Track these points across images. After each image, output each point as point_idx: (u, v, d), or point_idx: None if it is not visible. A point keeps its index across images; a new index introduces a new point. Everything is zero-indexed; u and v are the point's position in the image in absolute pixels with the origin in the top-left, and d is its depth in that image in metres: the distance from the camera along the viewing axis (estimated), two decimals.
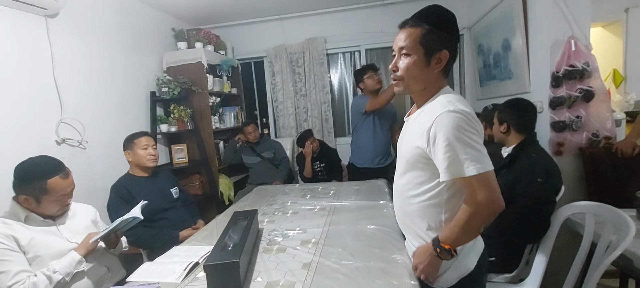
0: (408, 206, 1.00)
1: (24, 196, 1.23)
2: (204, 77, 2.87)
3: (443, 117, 0.84)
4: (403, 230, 1.12)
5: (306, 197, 2.06)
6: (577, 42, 1.77)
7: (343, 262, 1.15)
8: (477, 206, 0.84)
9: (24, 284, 1.12)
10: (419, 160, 0.93)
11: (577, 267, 1.28)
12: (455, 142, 0.83)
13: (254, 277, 1.11)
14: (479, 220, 0.87)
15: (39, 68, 1.89)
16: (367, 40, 3.39)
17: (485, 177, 0.83)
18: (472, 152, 0.83)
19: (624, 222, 1.10)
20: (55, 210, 1.29)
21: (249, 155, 3.14)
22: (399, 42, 0.94)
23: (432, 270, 0.95)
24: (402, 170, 1.02)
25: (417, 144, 0.91)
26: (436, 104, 0.90)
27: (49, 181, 1.23)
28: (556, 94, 1.82)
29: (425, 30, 0.90)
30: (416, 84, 0.95)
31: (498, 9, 2.33)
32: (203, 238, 1.54)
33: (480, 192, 0.84)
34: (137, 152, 1.85)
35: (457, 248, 0.92)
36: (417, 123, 0.94)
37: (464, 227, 0.87)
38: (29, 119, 1.82)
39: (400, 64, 0.94)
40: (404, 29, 0.93)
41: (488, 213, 0.86)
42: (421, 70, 0.92)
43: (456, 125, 0.83)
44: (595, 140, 1.83)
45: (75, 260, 1.24)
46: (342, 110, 3.65)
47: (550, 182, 1.38)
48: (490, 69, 2.61)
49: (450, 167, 0.84)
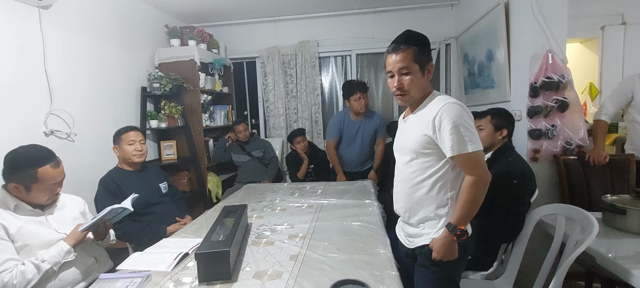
0: (417, 191, 1.14)
1: (13, 184, 1.23)
2: (196, 75, 2.89)
3: (447, 107, 1.05)
4: (407, 217, 1.20)
5: (294, 195, 2.10)
6: (554, 55, 1.88)
7: (329, 255, 1.20)
8: (477, 177, 1.04)
9: (11, 272, 1.13)
10: (425, 146, 1.10)
11: (548, 264, 1.36)
12: (458, 126, 1.02)
13: (243, 266, 1.15)
14: (481, 189, 1.05)
15: (30, 58, 1.89)
16: (359, 46, 3.47)
17: (479, 154, 1.05)
18: (470, 134, 1.04)
19: (589, 222, 1.19)
20: (45, 199, 1.29)
21: (238, 154, 3.16)
22: (398, 64, 1.11)
23: (452, 254, 1.09)
24: (406, 161, 1.17)
25: (423, 132, 1.09)
26: (436, 101, 1.10)
27: (39, 169, 1.23)
28: (534, 104, 1.93)
29: (416, 50, 1.10)
30: (418, 93, 1.14)
31: (483, 21, 2.45)
32: (193, 231, 1.57)
33: (477, 166, 1.05)
34: (123, 147, 1.85)
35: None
36: (420, 118, 1.13)
37: (470, 201, 1.05)
38: (18, 109, 1.81)
39: (404, 82, 1.12)
40: (398, 53, 1.10)
41: (484, 182, 1.05)
42: (420, 82, 1.12)
43: (458, 113, 1.04)
44: (569, 148, 1.94)
45: (64, 250, 1.24)
46: (332, 113, 3.71)
47: (525, 184, 1.48)
48: (474, 77, 2.73)
49: (455, 145, 1.03)
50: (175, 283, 1.07)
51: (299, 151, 3.03)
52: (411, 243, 1.19)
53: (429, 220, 1.14)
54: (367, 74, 3.64)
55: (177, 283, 1.06)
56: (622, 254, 1.18)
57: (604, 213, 1.46)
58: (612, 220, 1.41)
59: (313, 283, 1.02)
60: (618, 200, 1.44)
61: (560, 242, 1.38)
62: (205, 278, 1.05)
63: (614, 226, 1.41)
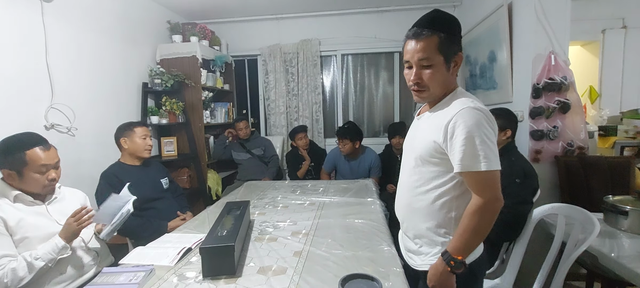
0: (417, 202, 0.99)
1: (7, 171, 1.22)
2: (197, 72, 2.88)
3: (465, 112, 0.86)
4: (406, 229, 1.08)
5: (296, 193, 2.10)
6: (557, 57, 1.89)
7: (333, 251, 1.20)
8: (485, 202, 0.86)
9: (3, 270, 1.11)
10: (433, 154, 0.94)
11: (548, 263, 1.37)
12: (473, 137, 0.85)
13: (247, 262, 1.15)
14: (487, 218, 0.88)
15: (32, 51, 1.88)
16: (361, 45, 3.47)
17: (494, 174, 0.87)
18: (487, 149, 0.85)
19: (591, 221, 1.20)
20: (40, 186, 1.25)
21: (238, 152, 3.16)
22: (417, 54, 0.91)
23: (448, 285, 0.93)
24: (412, 165, 1.01)
25: (433, 138, 0.92)
26: (455, 101, 0.92)
27: (27, 152, 1.21)
28: (536, 105, 1.94)
29: (442, 38, 0.90)
30: (439, 89, 0.95)
31: (486, 23, 2.46)
32: (195, 227, 1.56)
33: (487, 189, 0.86)
34: (135, 140, 1.85)
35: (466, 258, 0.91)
36: (434, 119, 0.95)
37: (471, 230, 0.88)
38: (18, 102, 1.80)
39: (423, 76, 0.93)
40: (420, 41, 0.91)
41: (493, 210, 0.88)
42: (443, 77, 0.93)
43: (477, 122, 0.85)
44: (570, 150, 1.95)
45: (58, 246, 1.20)
46: (332, 112, 3.72)
47: (527, 183, 1.48)
48: (476, 78, 2.74)
49: (464, 160, 0.86)
50: (179, 277, 1.06)
51: (300, 148, 3.03)
52: (410, 260, 1.07)
53: (426, 238, 0.99)
54: (367, 74, 3.64)
55: (181, 278, 1.06)
56: (624, 254, 1.19)
57: (606, 214, 1.47)
58: (613, 221, 1.42)
59: (318, 279, 1.01)
60: (620, 201, 1.45)
61: (561, 242, 1.39)
62: (209, 273, 1.04)
63: (615, 226, 1.42)
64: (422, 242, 1.01)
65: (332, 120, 3.72)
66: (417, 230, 1.01)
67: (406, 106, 3.61)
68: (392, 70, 3.58)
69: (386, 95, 3.66)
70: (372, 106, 3.70)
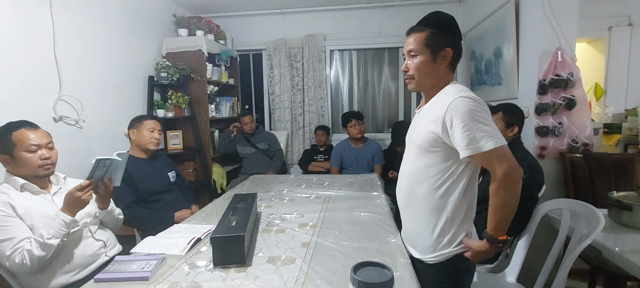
0: (416, 190, 1.06)
1: (1, 156, 1.25)
2: (203, 65, 2.89)
3: (457, 102, 0.94)
4: (407, 219, 1.15)
5: (301, 186, 2.12)
6: (564, 53, 1.89)
7: (340, 243, 1.22)
8: (502, 175, 0.93)
9: (21, 253, 1.13)
10: (432, 144, 1.01)
11: (552, 257, 1.38)
12: (471, 123, 0.92)
13: (256, 252, 1.17)
14: (511, 188, 0.94)
15: (40, 43, 1.89)
16: (366, 41, 3.47)
17: (502, 150, 0.93)
18: (487, 129, 0.92)
19: (595, 216, 1.21)
20: (34, 165, 1.25)
21: (243, 146, 3.17)
22: (408, 46, 1.05)
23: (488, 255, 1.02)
24: (413, 155, 1.09)
25: (431, 129, 1.00)
26: (447, 93, 1.00)
27: (14, 132, 1.24)
28: (542, 101, 1.94)
29: (429, 33, 1.01)
30: (427, 80, 1.05)
31: (492, 19, 2.45)
32: (203, 218, 1.59)
33: (499, 166, 0.93)
34: (143, 133, 1.87)
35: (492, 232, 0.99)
36: (430, 112, 1.04)
37: (501, 206, 0.95)
38: (28, 93, 1.81)
39: (410, 65, 1.06)
40: (411, 35, 1.05)
41: (513, 181, 0.94)
42: (429, 68, 1.03)
43: (469, 108, 0.92)
44: (575, 146, 1.96)
45: (66, 221, 1.19)
46: (337, 108, 3.73)
47: (533, 179, 1.49)
48: (481, 74, 2.74)
49: (470, 144, 0.92)
50: (190, 266, 1.08)
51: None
52: (408, 245, 1.14)
53: (422, 225, 1.06)
54: (371, 70, 3.65)
55: (192, 266, 1.08)
56: (628, 248, 1.20)
57: (610, 210, 1.48)
58: (618, 216, 1.43)
59: (326, 268, 1.03)
60: (624, 196, 1.46)
61: (565, 236, 1.41)
62: (219, 262, 1.06)
63: (620, 222, 1.43)
64: (419, 229, 1.08)
65: (337, 115, 3.74)
66: (414, 217, 1.09)
67: (410, 102, 3.62)
68: (396, 66, 3.58)
69: (390, 90, 3.66)
70: (376, 101, 3.71)
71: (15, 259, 1.13)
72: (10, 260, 1.13)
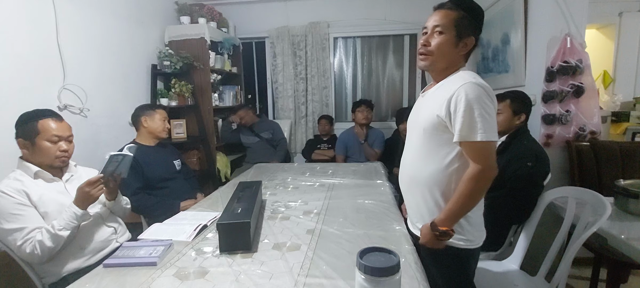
0: (420, 173, 1.06)
1: (21, 140, 1.26)
2: (206, 54, 2.87)
3: (467, 86, 0.93)
4: (410, 202, 1.15)
5: (305, 175, 2.13)
6: (573, 39, 1.85)
7: (345, 230, 1.23)
8: (481, 169, 0.93)
9: (32, 243, 1.15)
10: (437, 127, 1.00)
11: (557, 245, 1.39)
12: (473, 109, 0.91)
13: (261, 238, 1.18)
14: (481, 185, 0.95)
15: (43, 31, 1.88)
16: (371, 28, 3.42)
17: (489, 145, 0.94)
18: (485, 122, 0.92)
19: (602, 204, 1.20)
20: (52, 156, 1.27)
21: (247, 135, 3.18)
22: (434, 21, 1.00)
23: (437, 245, 1.04)
24: (417, 139, 1.08)
25: (436, 112, 0.99)
26: (457, 78, 0.99)
27: (40, 121, 1.26)
28: (549, 88, 1.92)
29: (461, 15, 0.98)
30: (442, 61, 1.02)
31: (499, 4, 2.40)
32: (208, 205, 1.60)
33: (483, 158, 0.93)
34: (156, 120, 1.92)
35: (461, 223, 1.02)
36: (436, 95, 1.02)
37: (467, 195, 0.95)
38: (32, 82, 1.81)
39: (432, 40, 1.01)
40: (441, 11, 1.00)
41: (487, 177, 0.94)
42: (450, 50, 1.00)
43: (478, 95, 0.92)
44: (582, 134, 1.94)
45: (77, 214, 1.22)
46: (341, 96, 3.71)
47: (538, 167, 1.48)
48: (488, 62, 2.70)
49: (463, 130, 0.93)
50: (196, 252, 1.10)
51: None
52: (415, 230, 1.15)
53: (427, 207, 1.06)
54: (375, 58, 3.60)
55: (199, 252, 1.09)
56: (635, 236, 1.20)
57: (617, 198, 1.47)
58: (624, 204, 1.42)
59: (332, 255, 1.04)
60: (631, 184, 1.45)
61: (570, 224, 1.40)
62: (226, 248, 1.08)
63: (626, 210, 1.42)
64: (426, 212, 1.07)
65: (341, 104, 3.72)
66: (422, 201, 1.07)
67: (415, 91, 3.58)
68: (401, 54, 3.53)
69: (395, 79, 3.62)
70: (380, 90, 3.68)
71: (26, 249, 1.15)
72: (21, 251, 1.15)
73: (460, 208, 0.98)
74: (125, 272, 0.98)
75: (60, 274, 1.26)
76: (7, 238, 1.16)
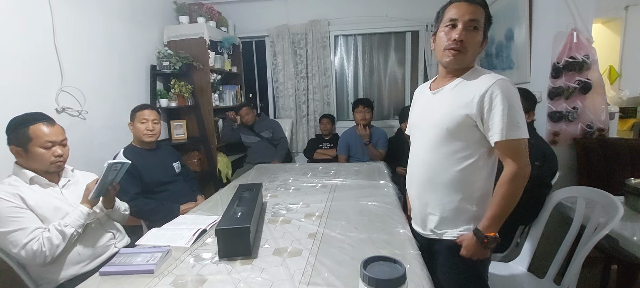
0: (441, 176, 1.01)
1: (14, 147, 1.24)
2: (205, 53, 2.84)
3: (501, 83, 0.91)
4: (425, 204, 1.08)
5: (307, 175, 2.09)
6: (579, 34, 1.81)
7: (348, 234, 1.19)
8: (519, 169, 0.91)
9: (38, 240, 1.14)
10: (462, 128, 0.95)
11: (566, 245, 1.35)
12: (514, 106, 0.90)
13: (262, 243, 1.15)
14: (520, 183, 0.93)
15: (40, 33, 1.85)
16: (372, 25, 3.38)
17: (526, 142, 0.93)
18: (521, 119, 0.91)
19: (613, 204, 1.16)
20: (46, 162, 1.25)
21: (247, 135, 3.15)
22: (471, 15, 0.93)
23: (483, 255, 1.00)
24: (433, 140, 1.01)
25: (464, 112, 0.94)
26: (484, 75, 0.96)
27: (31, 127, 1.23)
28: (555, 85, 1.87)
29: (487, 14, 0.97)
30: (472, 58, 0.98)
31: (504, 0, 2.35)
32: (208, 208, 1.57)
33: (522, 155, 0.92)
34: (136, 125, 1.85)
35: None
36: (461, 92, 0.97)
37: (508, 197, 0.93)
38: (29, 85, 1.79)
39: (470, 36, 0.94)
40: (474, 5, 0.94)
41: (525, 175, 0.93)
42: (478, 48, 0.98)
43: (514, 93, 0.91)
44: (589, 132, 1.89)
45: (84, 212, 1.23)
46: (343, 95, 3.67)
47: (546, 166, 1.45)
48: (491, 58, 2.65)
49: (505, 129, 0.89)
50: (195, 258, 1.07)
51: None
52: (425, 231, 1.09)
53: (451, 211, 1.01)
54: (377, 55, 3.56)
55: (197, 259, 1.06)
56: None
57: (627, 197, 1.43)
58: (635, 204, 1.38)
59: (334, 261, 1.01)
60: None
61: (580, 225, 1.36)
62: (225, 254, 1.05)
63: (637, 210, 1.38)
64: (447, 215, 1.02)
65: (343, 103, 3.68)
66: (441, 204, 1.03)
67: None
68: (402, 51, 3.48)
69: (397, 77, 3.58)
70: (381, 88, 3.63)
71: (32, 246, 1.13)
72: (27, 249, 1.12)
73: (503, 212, 0.94)
74: (122, 280, 0.95)
75: (57, 281, 1.23)
76: (7, 240, 1.13)
